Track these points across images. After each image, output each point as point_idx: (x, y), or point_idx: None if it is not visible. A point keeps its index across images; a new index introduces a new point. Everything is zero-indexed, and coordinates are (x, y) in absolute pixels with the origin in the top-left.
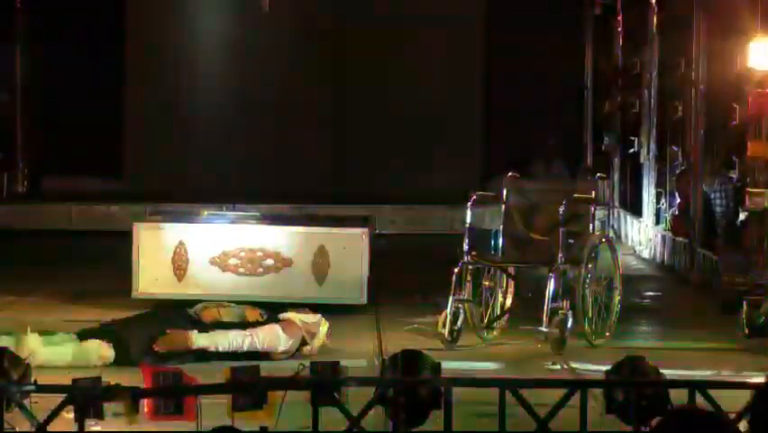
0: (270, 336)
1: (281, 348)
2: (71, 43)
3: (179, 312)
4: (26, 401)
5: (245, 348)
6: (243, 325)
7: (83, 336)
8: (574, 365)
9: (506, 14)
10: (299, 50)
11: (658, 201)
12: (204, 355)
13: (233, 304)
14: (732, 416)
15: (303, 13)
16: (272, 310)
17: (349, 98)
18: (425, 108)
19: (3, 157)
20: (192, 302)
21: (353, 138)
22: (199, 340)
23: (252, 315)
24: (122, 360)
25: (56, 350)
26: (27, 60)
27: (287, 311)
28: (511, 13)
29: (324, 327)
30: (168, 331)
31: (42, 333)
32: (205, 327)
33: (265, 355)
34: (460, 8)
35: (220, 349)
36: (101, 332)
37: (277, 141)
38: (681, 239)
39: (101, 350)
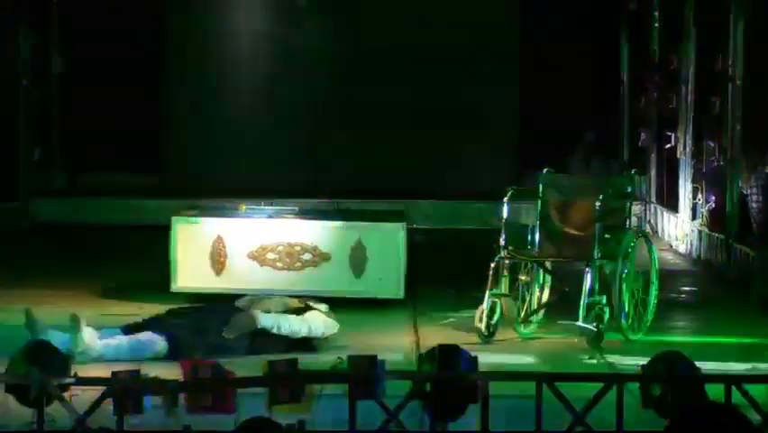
0: (321, 323)
1: (328, 333)
2: (109, 41)
3: (227, 306)
4: (66, 395)
5: (302, 334)
6: (293, 312)
7: (131, 329)
8: (611, 360)
9: (542, 11)
10: (334, 47)
11: (694, 197)
12: (260, 344)
13: (275, 295)
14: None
15: (338, 11)
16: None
17: (385, 95)
18: (462, 105)
19: (41, 153)
20: (231, 296)
21: (390, 134)
22: (265, 320)
23: (294, 303)
24: (175, 354)
25: (111, 344)
26: (65, 58)
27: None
28: (547, 10)
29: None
30: (233, 317)
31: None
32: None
33: (304, 344)
34: (495, 6)
35: (282, 332)
36: (151, 325)
37: (315, 137)
38: (717, 234)
39: (155, 344)
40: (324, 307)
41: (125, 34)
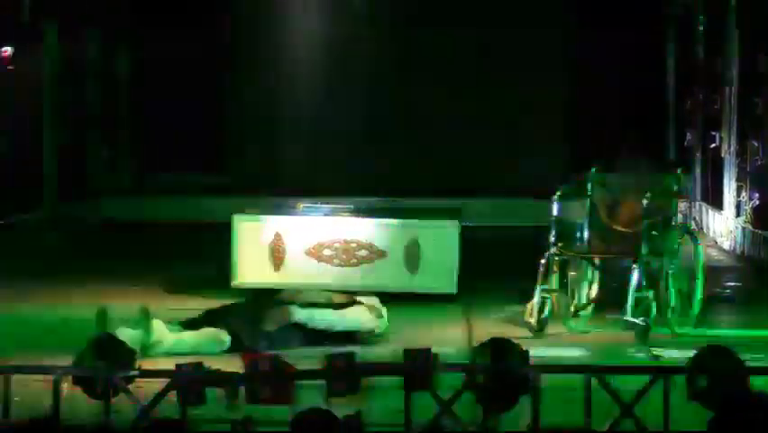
0: (359, 317)
1: (367, 328)
2: (174, 41)
3: (271, 298)
4: (131, 387)
5: (338, 328)
6: (332, 306)
7: (191, 324)
8: (657, 353)
9: (590, 15)
10: (390, 49)
11: (738, 194)
12: (303, 336)
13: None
14: None
15: (394, 14)
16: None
17: (437, 95)
18: (513, 105)
19: (109, 153)
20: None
21: (444, 134)
22: (298, 314)
23: (338, 298)
24: (236, 347)
25: (180, 337)
26: (132, 60)
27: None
28: (595, 14)
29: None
30: (272, 311)
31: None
32: (301, 306)
33: (348, 337)
34: (545, 10)
35: (317, 325)
36: (211, 321)
37: (370, 137)
38: (760, 231)
39: (220, 338)
40: (374, 300)
41: (190, 35)
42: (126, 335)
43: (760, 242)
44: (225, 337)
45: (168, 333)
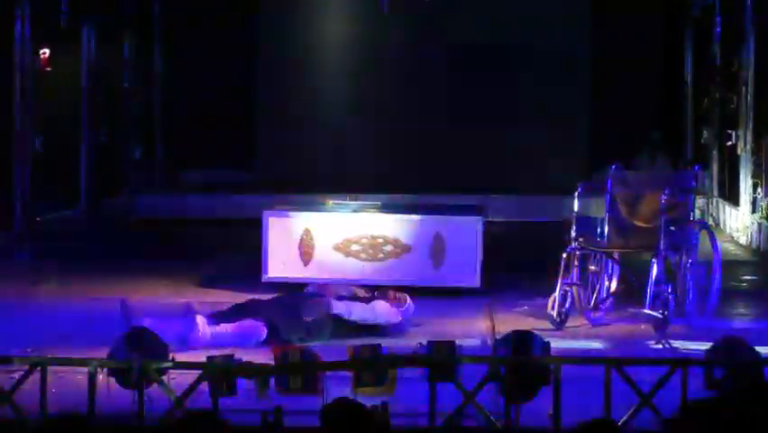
0: (386, 312)
1: (393, 321)
2: (206, 43)
3: (302, 291)
4: (165, 378)
5: (370, 321)
6: (359, 300)
7: (224, 317)
8: (675, 345)
9: (609, 15)
10: (414, 48)
11: (754, 191)
12: (334, 328)
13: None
14: None
15: (419, 14)
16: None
17: (462, 94)
18: (534, 103)
19: (144, 151)
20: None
21: (467, 133)
22: (338, 307)
23: (360, 292)
24: (273, 339)
25: (219, 330)
26: (165, 60)
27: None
28: (614, 15)
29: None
30: (311, 302)
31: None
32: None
33: (374, 329)
34: (565, 9)
35: (352, 318)
36: (242, 314)
37: (396, 136)
38: None
39: (257, 330)
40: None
41: (221, 35)
42: (171, 329)
43: None
44: (262, 329)
45: (208, 327)
